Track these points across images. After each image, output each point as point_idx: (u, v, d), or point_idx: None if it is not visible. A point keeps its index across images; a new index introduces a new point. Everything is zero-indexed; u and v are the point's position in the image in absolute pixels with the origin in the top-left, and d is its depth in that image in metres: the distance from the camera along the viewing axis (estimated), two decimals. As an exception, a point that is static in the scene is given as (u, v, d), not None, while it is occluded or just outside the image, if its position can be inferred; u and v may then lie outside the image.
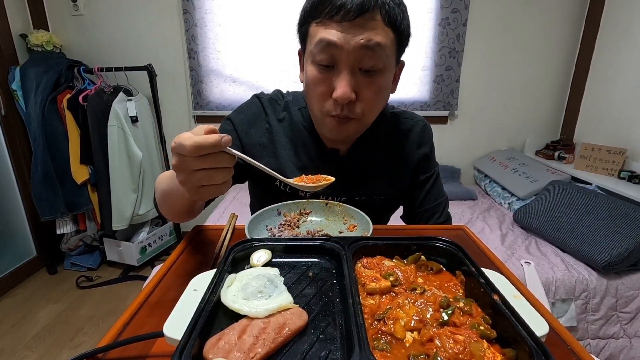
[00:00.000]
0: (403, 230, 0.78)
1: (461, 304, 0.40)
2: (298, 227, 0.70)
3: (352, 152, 0.80)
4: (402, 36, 0.64)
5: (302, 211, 0.73)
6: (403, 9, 0.63)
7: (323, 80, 0.63)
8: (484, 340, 0.36)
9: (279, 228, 0.69)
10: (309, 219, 0.73)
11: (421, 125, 0.84)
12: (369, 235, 0.61)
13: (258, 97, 0.82)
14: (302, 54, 0.72)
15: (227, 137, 0.44)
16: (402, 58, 0.71)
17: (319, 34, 0.61)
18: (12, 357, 1.61)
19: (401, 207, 0.91)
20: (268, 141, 0.79)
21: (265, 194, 0.83)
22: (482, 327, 0.37)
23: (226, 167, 0.47)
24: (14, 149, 2.10)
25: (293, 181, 0.60)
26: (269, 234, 0.67)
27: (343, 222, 0.71)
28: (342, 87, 0.61)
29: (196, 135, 0.45)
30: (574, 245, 1.56)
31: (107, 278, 2.21)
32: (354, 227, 0.69)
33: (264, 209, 0.70)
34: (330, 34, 0.59)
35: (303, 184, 0.61)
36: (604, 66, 2.21)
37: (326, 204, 0.73)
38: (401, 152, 0.81)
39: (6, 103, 2.03)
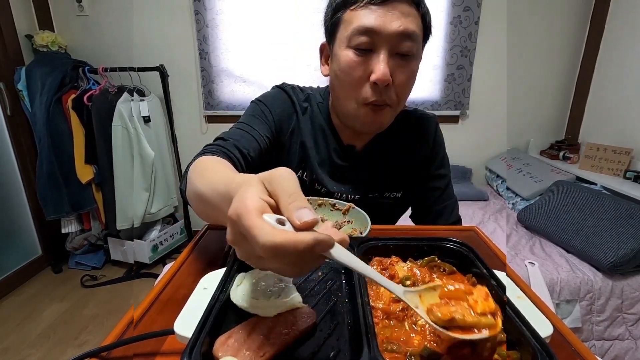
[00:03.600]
0: (413, 230, 0.78)
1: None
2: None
3: (368, 148, 0.81)
4: (426, 28, 0.67)
5: None
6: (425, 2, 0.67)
7: (360, 64, 0.64)
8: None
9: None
10: None
11: (433, 123, 0.85)
12: (365, 234, 0.61)
13: (280, 87, 0.82)
14: (326, 47, 0.73)
15: (329, 240, 0.30)
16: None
17: (356, 20, 0.63)
18: (16, 356, 1.62)
19: (409, 209, 0.92)
20: (296, 127, 0.79)
21: None
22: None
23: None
24: (20, 149, 2.11)
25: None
26: None
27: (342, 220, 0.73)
28: (381, 69, 0.62)
29: (269, 191, 0.33)
30: (578, 246, 1.56)
31: (112, 277, 2.22)
32: (346, 222, 0.70)
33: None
34: (370, 18, 0.61)
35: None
36: (610, 65, 2.19)
37: (319, 204, 0.74)
38: (414, 148, 0.83)
39: (12, 103, 2.04)
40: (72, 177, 2.10)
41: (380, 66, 0.62)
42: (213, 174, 0.48)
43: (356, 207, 0.73)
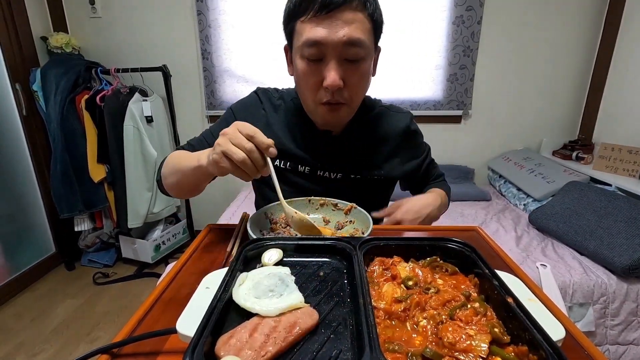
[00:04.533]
0: (415, 230, 0.77)
1: (477, 305, 0.40)
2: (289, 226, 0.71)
3: (345, 133, 0.87)
4: (376, 25, 0.71)
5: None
6: None
7: (313, 72, 0.70)
8: (489, 339, 0.35)
9: (270, 233, 0.71)
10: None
11: (407, 115, 0.93)
12: (367, 234, 0.62)
13: (255, 91, 0.93)
14: (288, 49, 0.78)
15: (274, 149, 0.57)
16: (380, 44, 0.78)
17: (305, 32, 0.67)
18: (31, 350, 1.66)
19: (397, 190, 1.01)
20: (264, 126, 0.86)
21: (269, 187, 0.90)
22: (496, 330, 0.36)
23: (256, 164, 0.56)
24: (35, 148, 2.16)
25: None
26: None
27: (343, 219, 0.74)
28: (331, 77, 0.68)
29: None
30: (592, 248, 1.52)
31: (123, 275, 2.26)
32: (348, 222, 0.72)
33: (254, 214, 0.72)
34: (316, 31, 0.66)
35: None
36: (625, 63, 2.13)
37: (309, 200, 0.78)
38: (390, 135, 0.89)
39: (27, 104, 2.09)
40: (85, 176, 2.14)
41: (330, 74, 0.68)
42: (182, 154, 0.76)
43: (358, 207, 0.73)
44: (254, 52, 2.34)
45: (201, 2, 2.23)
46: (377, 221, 0.82)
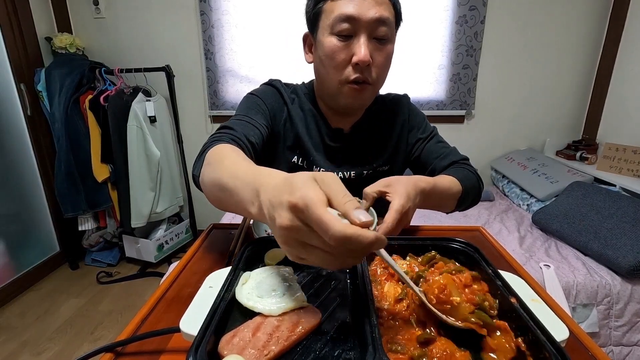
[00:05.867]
0: (418, 230, 0.77)
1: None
2: None
3: (355, 129, 0.87)
4: (398, 14, 0.75)
5: None
6: None
7: (342, 49, 0.71)
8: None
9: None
10: None
11: (405, 99, 0.93)
12: (372, 228, 0.57)
13: (268, 83, 0.88)
14: (309, 35, 0.79)
15: (384, 239, 0.33)
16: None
17: (337, 9, 0.70)
18: (36, 349, 1.67)
19: None
20: (287, 116, 0.85)
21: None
22: (486, 303, 0.38)
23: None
24: (39, 148, 2.18)
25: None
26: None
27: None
28: (362, 51, 0.69)
29: (334, 199, 0.34)
30: (596, 249, 1.51)
31: (126, 274, 2.27)
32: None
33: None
34: (349, 7, 0.68)
35: None
36: (630, 63, 2.12)
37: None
38: (393, 123, 0.90)
39: (32, 104, 2.11)
40: (88, 176, 2.15)
41: (361, 49, 0.69)
42: (233, 162, 0.51)
43: (363, 201, 0.70)
44: (257, 52, 2.34)
45: (204, 3, 2.24)
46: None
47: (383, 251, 0.38)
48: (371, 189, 0.59)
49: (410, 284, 0.40)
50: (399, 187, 0.56)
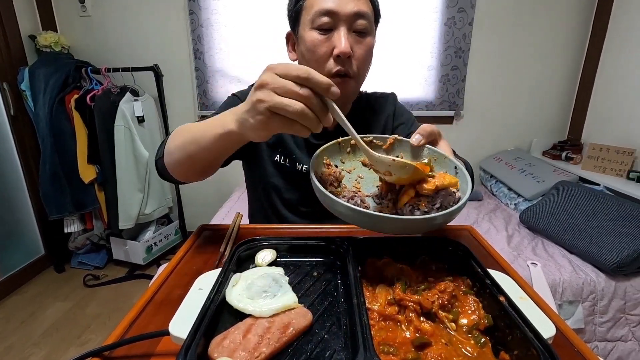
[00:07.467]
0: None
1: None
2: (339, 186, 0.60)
3: (339, 127, 0.85)
4: (376, 11, 0.78)
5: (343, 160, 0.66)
6: None
7: (323, 42, 0.74)
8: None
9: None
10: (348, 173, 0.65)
11: (391, 97, 0.95)
12: (464, 200, 0.50)
13: (236, 95, 0.86)
14: (292, 34, 0.83)
15: (336, 88, 0.45)
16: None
17: (317, 4, 0.72)
18: (20, 354, 1.63)
19: None
20: None
21: (275, 191, 0.87)
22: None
23: (317, 113, 0.46)
24: (23, 149, 2.13)
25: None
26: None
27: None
28: (342, 43, 0.72)
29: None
30: (581, 247, 1.54)
31: (114, 277, 2.23)
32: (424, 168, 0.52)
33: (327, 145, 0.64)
34: (328, 2, 0.71)
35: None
36: (613, 65, 2.18)
37: (339, 144, 0.66)
38: (380, 118, 0.92)
39: (15, 103, 2.05)
40: (74, 177, 2.11)
41: (342, 41, 0.72)
42: (198, 123, 0.62)
43: (400, 137, 0.63)
44: (246, 52, 2.33)
45: (193, 2, 2.22)
46: None
47: (334, 104, 0.47)
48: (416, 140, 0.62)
49: (351, 131, 0.53)
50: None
